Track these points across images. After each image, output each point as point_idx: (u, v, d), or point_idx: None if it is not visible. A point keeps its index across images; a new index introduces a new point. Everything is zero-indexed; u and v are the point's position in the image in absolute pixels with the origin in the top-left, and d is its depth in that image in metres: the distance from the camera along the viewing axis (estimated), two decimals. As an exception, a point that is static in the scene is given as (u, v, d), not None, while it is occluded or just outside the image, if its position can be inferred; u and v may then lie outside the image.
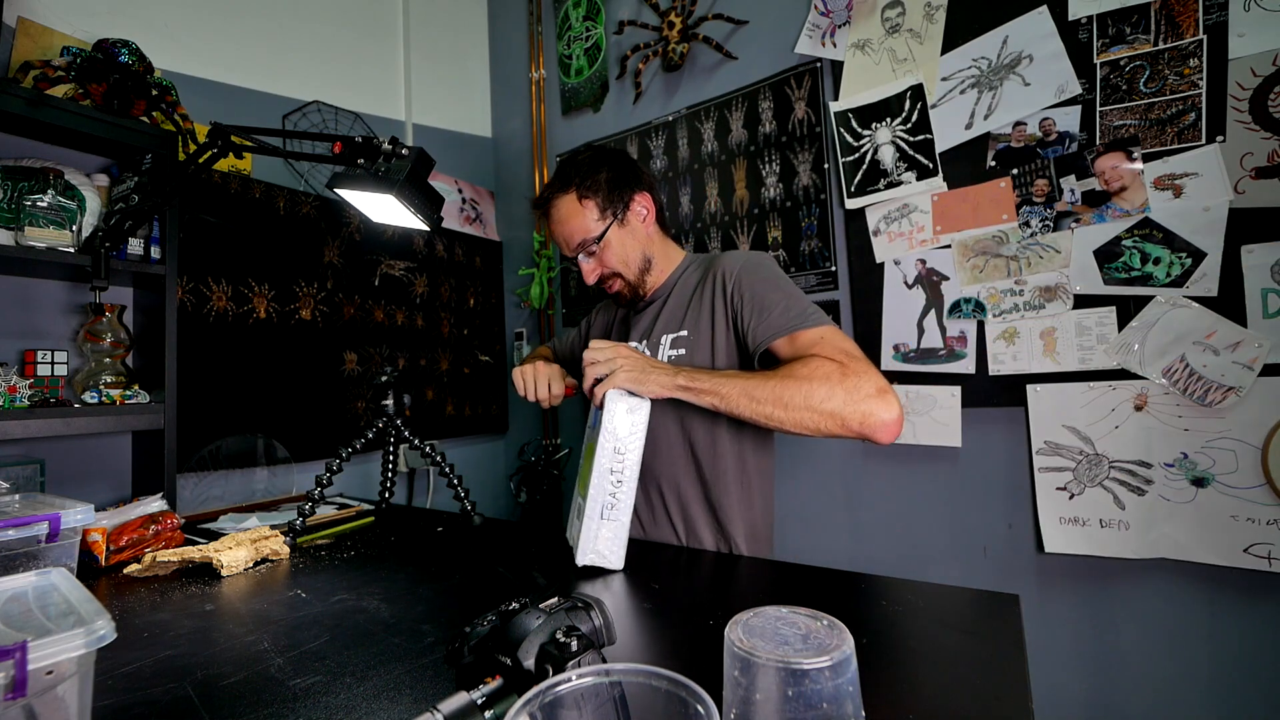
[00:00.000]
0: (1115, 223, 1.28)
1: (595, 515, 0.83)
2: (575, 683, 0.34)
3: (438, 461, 1.20)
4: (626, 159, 1.14)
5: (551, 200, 1.10)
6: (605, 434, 0.85)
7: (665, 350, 1.09)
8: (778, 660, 0.34)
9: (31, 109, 1.19)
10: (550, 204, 1.10)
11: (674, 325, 1.10)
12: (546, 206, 1.11)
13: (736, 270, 1.03)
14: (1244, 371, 1.16)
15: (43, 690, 0.40)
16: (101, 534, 0.94)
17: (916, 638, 0.62)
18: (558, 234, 1.11)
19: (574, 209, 1.08)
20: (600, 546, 0.84)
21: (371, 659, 0.60)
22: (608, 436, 0.84)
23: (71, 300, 1.40)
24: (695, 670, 0.35)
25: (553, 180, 1.12)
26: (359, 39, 2.13)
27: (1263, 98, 1.14)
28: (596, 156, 1.11)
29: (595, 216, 1.08)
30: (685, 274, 1.16)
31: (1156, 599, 1.25)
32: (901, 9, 1.54)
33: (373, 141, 0.93)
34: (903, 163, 1.53)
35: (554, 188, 1.10)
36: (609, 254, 1.10)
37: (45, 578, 0.53)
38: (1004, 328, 1.41)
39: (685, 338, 1.07)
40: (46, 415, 1.18)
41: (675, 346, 1.08)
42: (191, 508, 1.53)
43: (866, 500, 1.61)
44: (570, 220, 1.08)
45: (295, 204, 1.83)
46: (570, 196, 1.08)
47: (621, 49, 2.09)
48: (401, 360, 2.10)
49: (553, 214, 1.10)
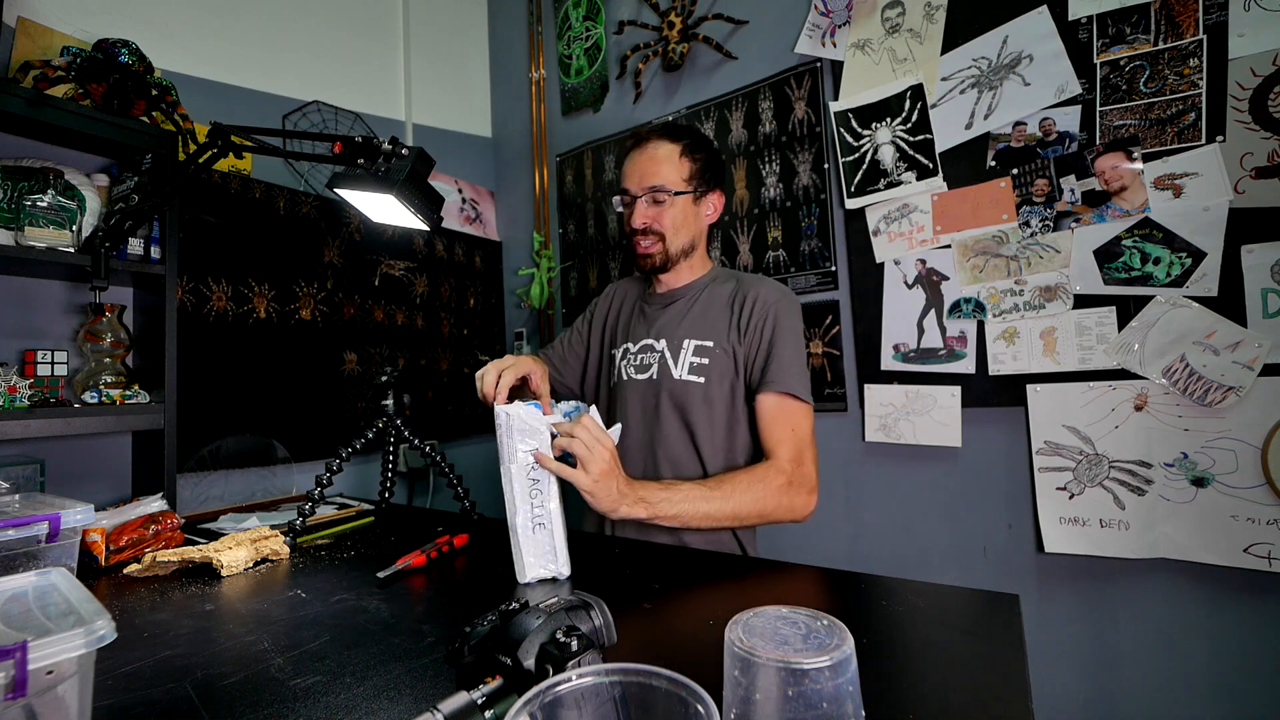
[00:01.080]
0: (1115, 223, 1.28)
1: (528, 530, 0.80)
2: (575, 683, 0.34)
3: (438, 461, 1.20)
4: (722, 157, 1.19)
5: (652, 138, 1.11)
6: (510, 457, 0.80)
7: (688, 355, 1.10)
8: (778, 660, 0.34)
9: (31, 109, 1.19)
10: (650, 140, 1.11)
11: (700, 333, 1.11)
12: (644, 140, 1.12)
13: (775, 307, 1.08)
14: (1244, 371, 1.16)
15: (43, 690, 0.40)
16: (101, 534, 0.94)
17: (916, 638, 0.62)
18: (638, 167, 1.11)
19: (671, 156, 1.10)
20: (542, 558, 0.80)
21: (371, 659, 0.60)
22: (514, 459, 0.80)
23: (71, 300, 1.40)
24: (695, 670, 0.35)
25: (658, 128, 1.13)
26: (359, 39, 2.13)
27: (1263, 98, 1.14)
28: (707, 140, 1.15)
29: (683, 175, 1.10)
30: (714, 283, 1.17)
31: (1156, 599, 1.25)
32: (901, 9, 1.54)
33: (373, 141, 0.93)
34: (903, 163, 1.53)
35: (660, 133, 1.12)
36: (668, 214, 1.11)
37: (45, 578, 0.53)
38: (1004, 328, 1.41)
39: (710, 349, 1.09)
40: (46, 415, 1.18)
41: (698, 355, 1.09)
42: (191, 508, 1.53)
43: (866, 500, 1.61)
44: (661, 162, 1.09)
45: (295, 204, 1.83)
46: (675, 146, 1.10)
47: (621, 49, 2.09)
48: (401, 360, 2.10)
49: (646, 149, 1.11)
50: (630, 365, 1.17)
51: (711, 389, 1.08)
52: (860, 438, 1.61)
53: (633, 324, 1.23)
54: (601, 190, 2.19)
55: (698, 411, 1.08)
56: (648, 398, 1.13)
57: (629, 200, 1.13)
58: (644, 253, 1.13)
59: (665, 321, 1.16)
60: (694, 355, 1.09)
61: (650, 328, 1.17)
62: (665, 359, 1.12)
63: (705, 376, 1.08)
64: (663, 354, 1.13)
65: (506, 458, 0.80)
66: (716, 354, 1.08)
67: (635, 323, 1.22)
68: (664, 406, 1.11)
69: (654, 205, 1.10)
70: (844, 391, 1.64)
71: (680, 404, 1.09)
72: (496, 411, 0.82)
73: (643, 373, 1.15)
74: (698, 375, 1.09)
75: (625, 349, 1.20)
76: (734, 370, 1.08)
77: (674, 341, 1.13)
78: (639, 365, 1.16)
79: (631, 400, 1.15)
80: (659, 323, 1.17)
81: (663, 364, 1.12)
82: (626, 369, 1.17)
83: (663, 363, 1.12)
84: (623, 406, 1.16)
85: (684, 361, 1.10)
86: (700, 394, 1.08)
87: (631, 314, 1.24)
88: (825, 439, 1.67)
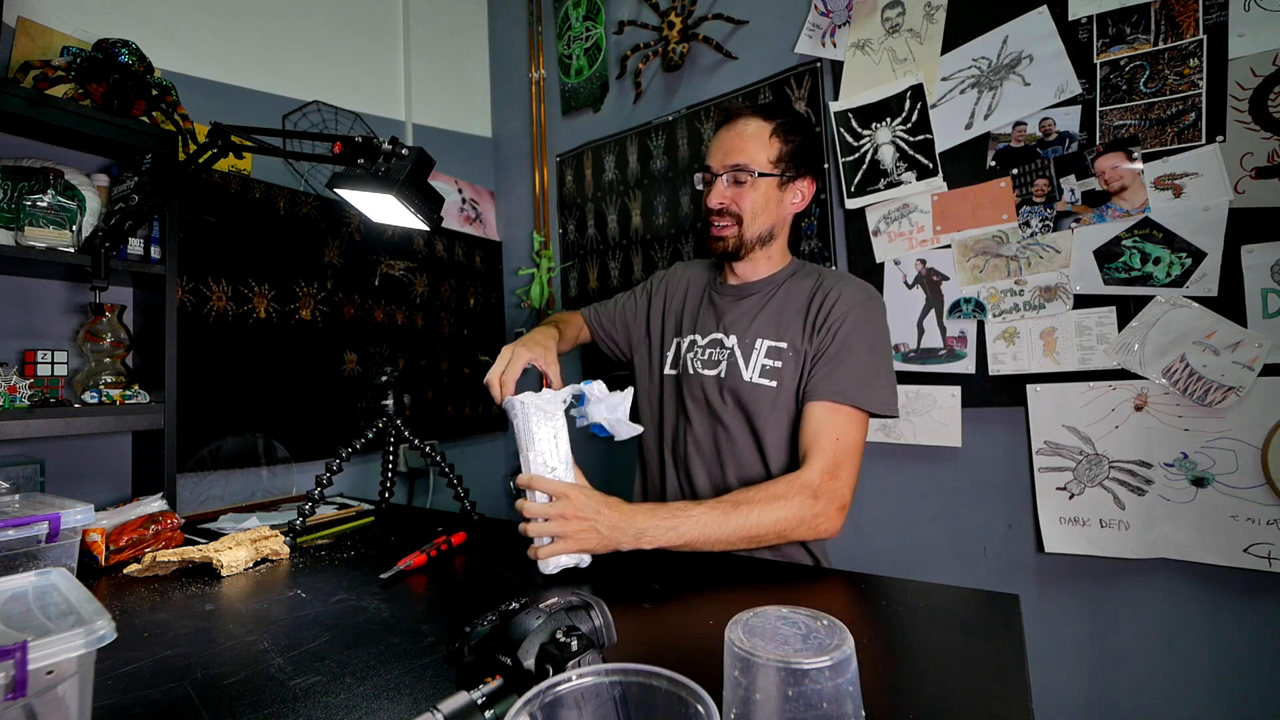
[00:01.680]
0: (1115, 223, 1.28)
1: None
2: (575, 683, 0.34)
3: (438, 461, 1.20)
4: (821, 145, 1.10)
5: (743, 115, 1.05)
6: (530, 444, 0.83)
7: (760, 357, 1.03)
8: (778, 660, 0.34)
9: (31, 109, 1.19)
10: (740, 117, 1.05)
11: (774, 333, 1.04)
12: (734, 115, 1.05)
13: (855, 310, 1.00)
14: (1244, 371, 1.15)
15: (43, 690, 0.40)
16: (101, 534, 0.94)
17: (916, 638, 0.62)
18: (723, 143, 1.05)
19: (760, 134, 1.03)
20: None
21: (371, 659, 0.60)
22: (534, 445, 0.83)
23: (71, 300, 1.40)
24: (695, 670, 0.35)
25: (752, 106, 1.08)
26: (359, 39, 2.13)
27: (1263, 98, 1.14)
28: (805, 122, 1.08)
29: (771, 157, 1.03)
30: (793, 278, 1.10)
31: (1156, 599, 1.25)
32: (901, 9, 1.54)
33: (373, 141, 0.93)
34: (903, 163, 1.53)
35: (754, 109, 1.06)
36: (750, 196, 1.04)
37: (45, 578, 0.53)
38: (1004, 328, 1.41)
39: (784, 351, 1.02)
40: (46, 415, 1.18)
41: (771, 357, 1.03)
42: (191, 508, 1.53)
43: (866, 500, 1.61)
44: (749, 140, 1.03)
45: (295, 204, 1.83)
46: (766, 125, 1.03)
47: (621, 49, 2.09)
48: (401, 360, 2.10)
49: (735, 125, 1.04)
50: (698, 359, 1.10)
51: (783, 393, 1.01)
52: (860, 438, 1.61)
53: (701, 314, 1.15)
54: (601, 190, 2.19)
55: (765, 417, 1.02)
56: (714, 396, 1.07)
57: (709, 178, 1.06)
58: (717, 234, 1.07)
59: (737, 317, 1.09)
60: (766, 357, 1.03)
61: (720, 321, 1.11)
62: (735, 357, 1.05)
63: (777, 380, 1.02)
64: (732, 351, 1.06)
65: (526, 445, 0.82)
66: (789, 356, 1.02)
67: (704, 313, 1.15)
68: (730, 408, 1.05)
69: (735, 185, 1.03)
70: (844, 391, 1.63)
71: (748, 407, 1.03)
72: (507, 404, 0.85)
73: (710, 369, 1.08)
74: (769, 379, 1.02)
75: (692, 340, 1.13)
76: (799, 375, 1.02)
77: (745, 340, 1.06)
78: (706, 360, 1.09)
79: (696, 396, 1.09)
80: (730, 317, 1.10)
81: (732, 363, 1.05)
82: (694, 362, 1.11)
83: (732, 361, 1.05)
84: (686, 401, 1.11)
85: (755, 363, 1.03)
86: (770, 398, 1.02)
87: (700, 302, 1.17)
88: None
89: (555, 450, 0.84)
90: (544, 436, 0.83)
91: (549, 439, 0.83)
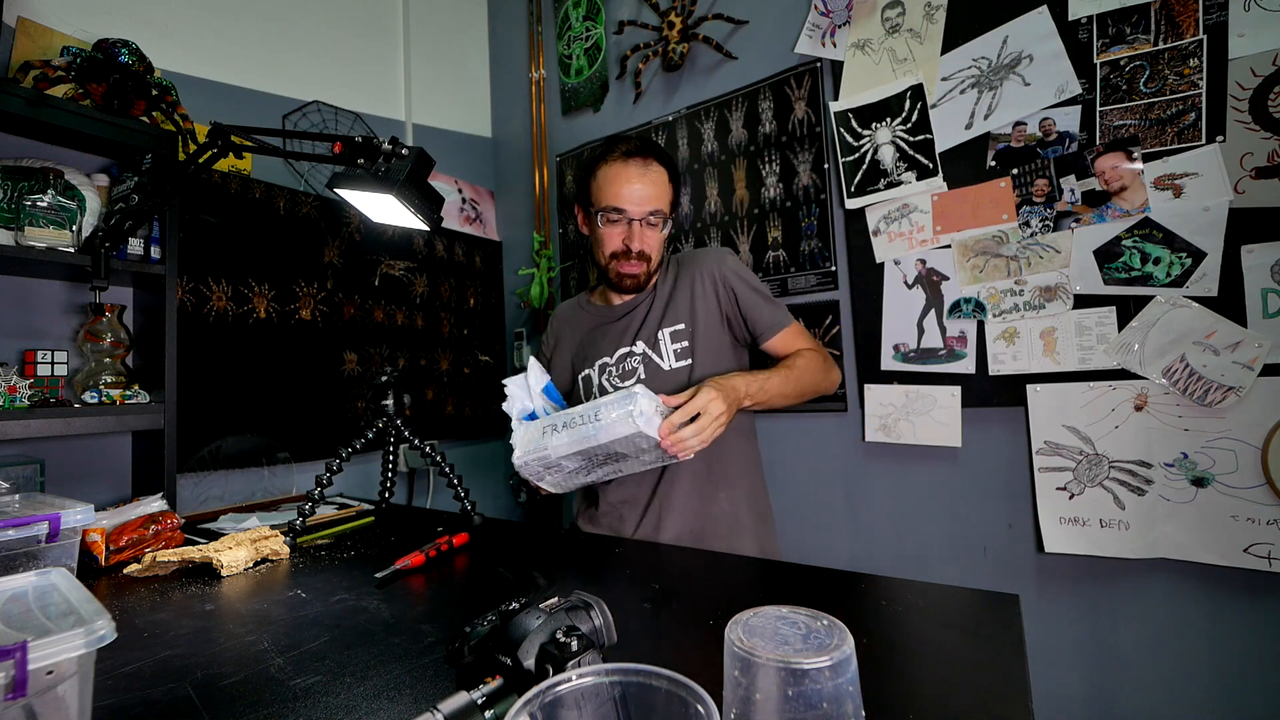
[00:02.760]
0: (1115, 223, 1.28)
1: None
2: (575, 683, 0.34)
3: (438, 461, 1.20)
4: None
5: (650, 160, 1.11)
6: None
7: (668, 344, 1.13)
8: (778, 660, 0.34)
9: (31, 109, 1.19)
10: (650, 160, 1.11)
11: (670, 320, 1.14)
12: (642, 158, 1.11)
13: (724, 270, 1.15)
14: (1244, 371, 1.16)
15: (43, 690, 0.40)
16: (101, 534, 0.94)
17: (916, 638, 0.62)
18: (640, 190, 1.10)
19: (664, 181, 1.12)
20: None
21: (371, 659, 0.60)
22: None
23: (71, 300, 1.40)
24: (695, 670, 0.35)
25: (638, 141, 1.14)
26: (359, 39, 2.13)
27: (1263, 98, 1.14)
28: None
29: (670, 200, 1.14)
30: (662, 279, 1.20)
31: (1156, 599, 1.25)
32: (901, 9, 1.54)
33: (373, 141, 0.93)
34: (903, 163, 1.53)
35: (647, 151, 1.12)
36: (659, 238, 1.14)
37: (45, 578, 0.53)
38: (1004, 328, 1.41)
39: (684, 330, 1.13)
40: (46, 415, 1.18)
41: (677, 340, 1.13)
42: (191, 508, 1.53)
43: (866, 500, 1.61)
44: (661, 187, 1.12)
45: (295, 204, 1.83)
46: (664, 171, 1.13)
47: (621, 49, 2.09)
48: (401, 360, 2.10)
49: (649, 171, 1.11)
50: (614, 376, 1.17)
51: (699, 367, 1.11)
52: (860, 438, 1.61)
53: (598, 341, 1.22)
54: (601, 190, 2.19)
55: None
56: None
57: (619, 219, 1.11)
58: (630, 273, 1.14)
59: (634, 327, 1.17)
60: (674, 342, 1.13)
61: (622, 337, 1.18)
62: (649, 356, 1.14)
63: (690, 358, 1.11)
64: (644, 354, 1.15)
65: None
66: (691, 333, 1.12)
67: (600, 339, 1.22)
68: None
69: (649, 228, 1.11)
70: (844, 391, 1.64)
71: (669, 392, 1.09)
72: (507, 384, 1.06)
73: (629, 378, 1.16)
74: (684, 359, 1.12)
75: (602, 364, 1.19)
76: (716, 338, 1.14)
77: (650, 337, 1.15)
78: (623, 373, 1.16)
79: None
80: (629, 330, 1.18)
81: (648, 361, 1.14)
82: (610, 381, 1.17)
83: (647, 360, 1.14)
84: None
85: (666, 349, 1.13)
86: (688, 375, 1.11)
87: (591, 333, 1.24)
88: (825, 439, 1.67)
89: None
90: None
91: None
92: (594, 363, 1.21)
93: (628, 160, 1.10)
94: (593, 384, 1.20)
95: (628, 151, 1.11)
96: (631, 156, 1.10)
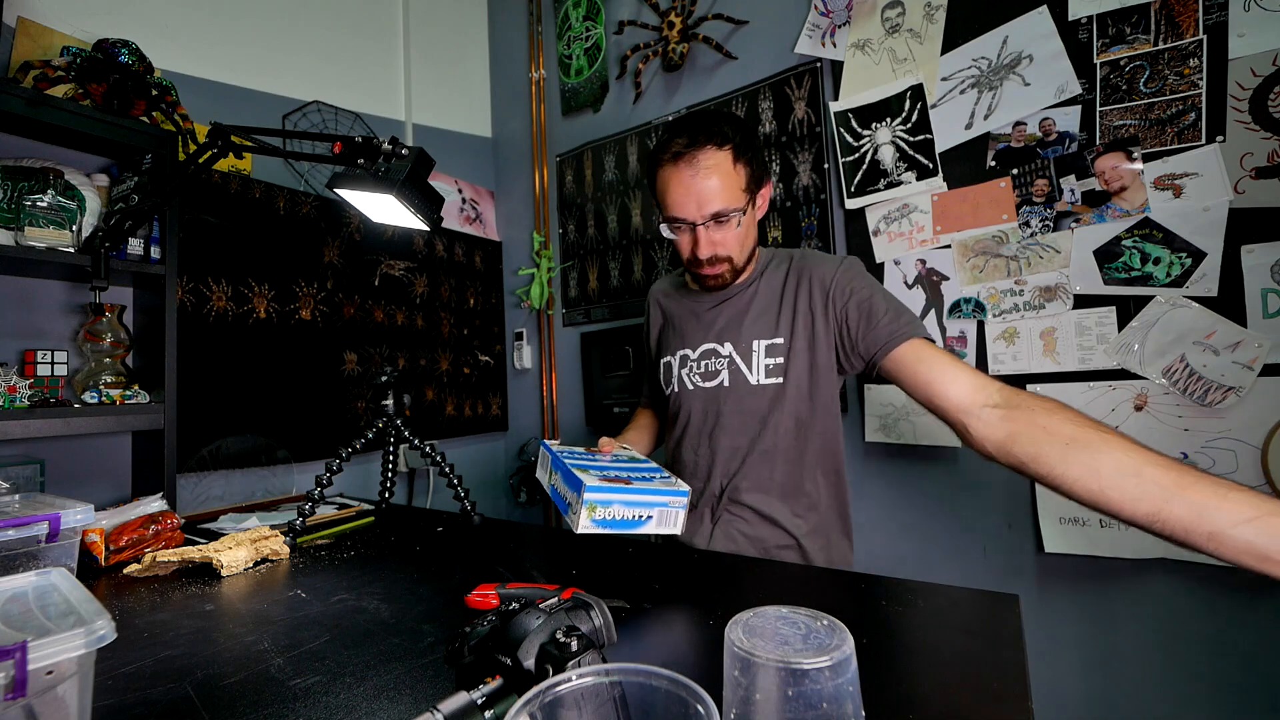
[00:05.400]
0: (1115, 223, 1.28)
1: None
2: (575, 683, 0.34)
3: (438, 461, 1.20)
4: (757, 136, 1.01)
5: (699, 148, 0.92)
6: None
7: (760, 358, 1.02)
8: (778, 660, 0.34)
9: (31, 109, 1.19)
10: (698, 152, 0.92)
11: (766, 331, 1.03)
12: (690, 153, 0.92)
13: (839, 279, 0.98)
14: (1244, 371, 1.15)
15: (43, 690, 0.40)
16: (101, 534, 0.94)
17: (916, 638, 0.62)
18: (692, 190, 0.93)
19: (724, 167, 0.92)
20: None
21: (371, 659, 0.60)
22: None
23: (71, 300, 1.40)
24: (695, 670, 0.35)
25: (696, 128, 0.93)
26: (359, 39, 2.13)
27: (1263, 98, 1.14)
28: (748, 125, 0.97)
29: (742, 186, 0.95)
30: (766, 271, 1.07)
31: (1156, 599, 1.25)
32: (901, 9, 1.54)
33: (373, 141, 0.93)
34: (903, 163, 1.53)
35: (704, 137, 0.92)
36: (734, 234, 0.97)
37: (45, 578, 0.53)
38: (1004, 328, 1.41)
39: (781, 346, 1.01)
40: (46, 415, 1.18)
41: (771, 355, 1.01)
42: (191, 508, 1.53)
43: (866, 500, 1.61)
44: (718, 179, 0.92)
45: (295, 204, 1.83)
46: (725, 154, 0.92)
47: (621, 49, 2.09)
48: (401, 360, 2.10)
49: (698, 164, 0.92)
50: (694, 374, 1.09)
51: (788, 386, 1.01)
52: (860, 438, 1.61)
53: (686, 328, 1.13)
54: (601, 190, 2.19)
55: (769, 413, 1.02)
56: (713, 405, 1.06)
57: (683, 228, 0.97)
58: (713, 275, 1.01)
59: (725, 323, 1.07)
60: (767, 357, 1.01)
61: (709, 330, 1.09)
62: (736, 364, 1.05)
63: (782, 376, 1.01)
64: (730, 358, 1.05)
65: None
66: (787, 349, 1.01)
67: (689, 326, 1.12)
68: (734, 413, 1.04)
69: (717, 228, 0.96)
70: (844, 391, 1.64)
71: (755, 409, 1.03)
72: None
73: (710, 380, 1.07)
74: (774, 377, 1.01)
75: (684, 355, 1.11)
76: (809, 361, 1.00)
77: (741, 345, 1.04)
78: (705, 373, 1.08)
79: (696, 409, 1.09)
80: (719, 324, 1.08)
81: (734, 369, 1.05)
82: (690, 376, 1.10)
83: (734, 368, 1.05)
84: (686, 416, 1.10)
85: (758, 365, 1.02)
86: (774, 395, 1.02)
87: (682, 317, 1.15)
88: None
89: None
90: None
91: None
92: (676, 351, 1.13)
93: (676, 163, 0.94)
94: (673, 373, 1.13)
95: (676, 153, 0.94)
96: (679, 157, 0.94)
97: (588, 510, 0.73)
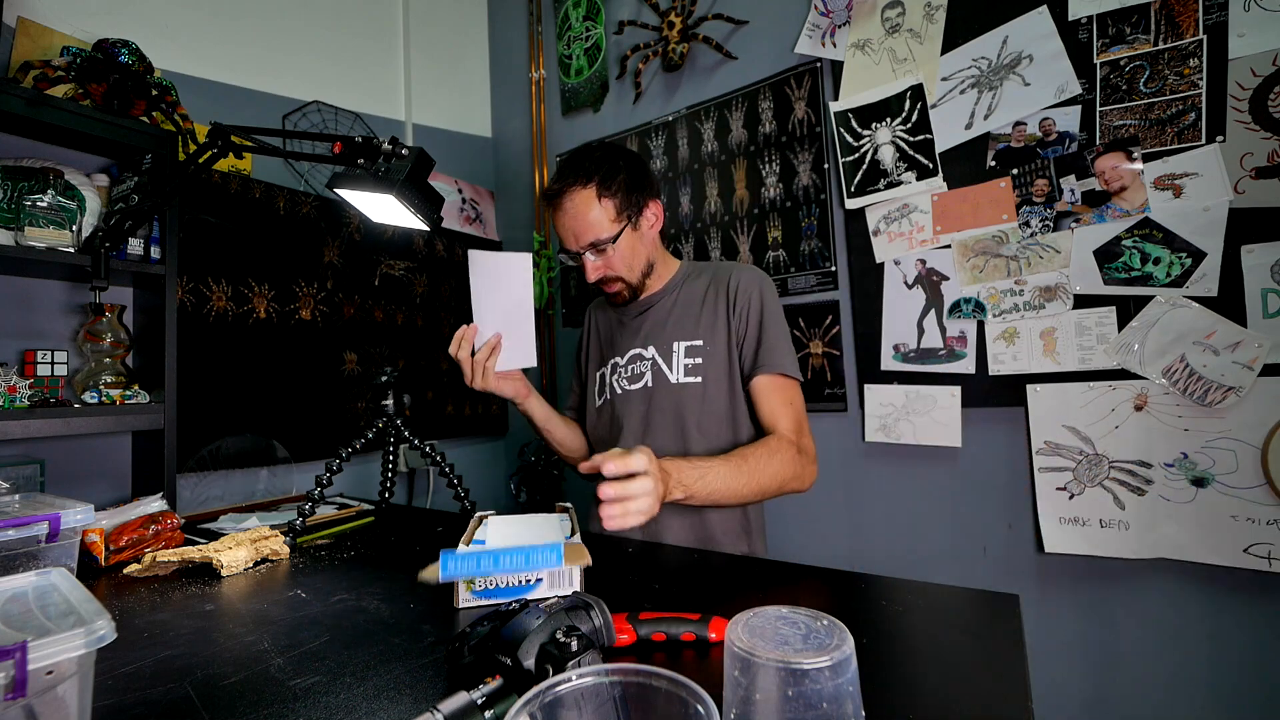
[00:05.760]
0: (1115, 223, 1.28)
1: None
2: (575, 683, 0.34)
3: (438, 461, 1.20)
4: (642, 161, 1.12)
5: (566, 192, 1.05)
6: None
7: (680, 358, 1.10)
8: (778, 660, 0.34)
9: (31, 109, 1.19)
10: (565, 195, 1.05)
11: (687, 333, 1.11)
12: (559, 198, 1.06)
13: (756, 291, 1.10)
14: (1244, 371, 1.15)
15: (43, 690, 0.40)
16: (100, 534, 0.94)
17: (916, 638, 0.62)
18: (568, 227, 1.06)
19: (590, 204, 1.04)
20: None
21: (371, 659, 0.60)
22: None
23: (71, 300, 1.40)
24: (695, 670, 0.35)
25: (566, 171, 1.06)
26: (359, 39, 2.13)
27: (1263, 98, 1.14)
28: (614, 154, 1.08)
29: (611, 217, 1.05)
30: (688, 281, 1.17)
31: (1156, 599, 1.25)
32: (901, 9, 1.54)
33: (373, 141, 0.93)
34: (903, 163, 1.53)
35: (570, 179, 1.05)
36: (617, 257, 1.08)
37: (45, 578, 0.53)
38: (1004, 328, 1.41)
39: (701, 347, 1.10)
40: (46, 415, 1.18)
41: (691, 355, 1.10)
42: (191, 508, 1.53)
43: (866, 500, 1.61)
44: (584, 215, 1.04)
45: (295, 204, 1.83)
46: (589, 192, 1.04)
47: (621, 49, 2.09)
48: (401, 360, 2.10)
49: (565, 205, 1.05)
50: (622, 379, 1.16)
51: (709, 387, 1.09)
52: (860, 438, 1.61)
53: (615, 338, 1.22)
54: (601, 190, 2.19)
55: (694, 412, 1.08)
56: (641, 406, 1.13)
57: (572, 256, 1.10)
58: (611, 292, 1.14)
59: (649, 328, 1.16)
60: (686, 357, 1.10)
61: (635, 337, 1.17)
62: (658, 364, 1.12)
63: (702, 376, 1.09)
64: (653, 360, 1.13)
65: None
66: (707, 350, 1.09)
67: (617, 336, 1.21)
68: (658, 412, 1.11)
69: (599, 255, 1.08)
70: (844, 391, 1.64)
71: (677, 407, 1.09)
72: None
73: (636, 382, 1.14)
74: (694, 375, 1.09)
75: (614, 363, 1.19)
76: (728, 362, 1.09)
77: (663, 346, 1.12)
78: (631, 376, 1.15)
79: (629, 412, 1.14)
80: (643, 330, 1.16)
81: (656, 370, 1.12)
82: (619, 382, 1.17)
83: (655, 369, 1.12)
84: (621, 419, 1.15)
85: (678, 363, 1.10)
86: (698, 394, 1.09)
87: (612, 329, 1.24)
88: (825, 439, 1.67)
89: None
90: None
91: None
92: (608, 360, 1.21)
93: (552, 204, 1.07)
94: (605, 382, 1.20)
95: (549, 196, 1.07)
96: (553, 199, 1.06)
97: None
